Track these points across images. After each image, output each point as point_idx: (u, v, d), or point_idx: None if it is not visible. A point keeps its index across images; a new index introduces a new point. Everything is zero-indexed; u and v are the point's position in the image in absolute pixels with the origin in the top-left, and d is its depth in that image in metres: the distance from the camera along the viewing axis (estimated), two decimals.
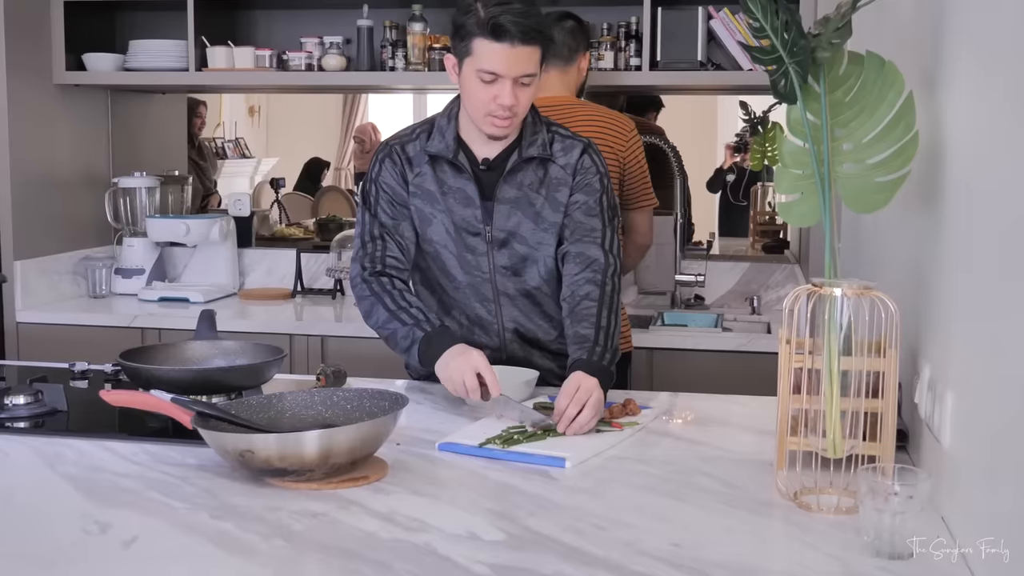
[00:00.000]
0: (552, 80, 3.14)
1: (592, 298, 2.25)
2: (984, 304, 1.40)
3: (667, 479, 1.79)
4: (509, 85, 2.17)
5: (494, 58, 2.15)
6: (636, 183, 3.14)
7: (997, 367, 1.32)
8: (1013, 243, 1.26)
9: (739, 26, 3.60)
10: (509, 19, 2.13)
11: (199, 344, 2.33)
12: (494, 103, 2.19)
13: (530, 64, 2.18)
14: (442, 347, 2.15)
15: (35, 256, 3.87)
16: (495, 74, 2.16)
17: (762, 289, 4.02)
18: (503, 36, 2.13)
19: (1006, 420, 1.27)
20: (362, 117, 7.19)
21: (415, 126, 2.40)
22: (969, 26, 1.55)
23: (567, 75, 3.18)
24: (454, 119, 2.33)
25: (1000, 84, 1.37)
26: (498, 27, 2.13)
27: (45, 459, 1.85)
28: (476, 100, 2.21)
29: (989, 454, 1.35)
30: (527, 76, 2.18)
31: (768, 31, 1.67)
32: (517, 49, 2.15)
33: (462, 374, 2.08)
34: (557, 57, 3.13)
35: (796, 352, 1.66)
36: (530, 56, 2.17)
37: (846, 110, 1.70)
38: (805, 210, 1.74)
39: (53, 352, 3.35)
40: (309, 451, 1.66)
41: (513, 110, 2.20)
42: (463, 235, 2.34)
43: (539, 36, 2.17)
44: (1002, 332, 1.30)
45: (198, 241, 4.06)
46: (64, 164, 4.07)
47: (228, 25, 4.19)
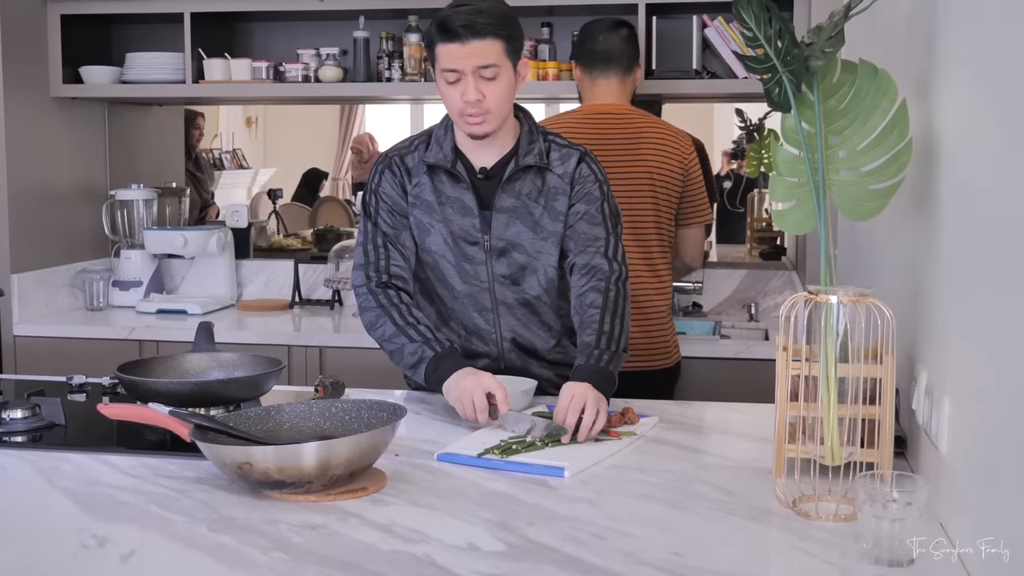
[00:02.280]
0: (614, 88, 3.18)
1: (596, 305, 2.26)
2: (979, 310, 1.40)
3: (666, 487, 1.79)
4: (471, 80, 2.20)
5: (450, 56, 2.21)
6: (696, 196, 3.21)
7: (993, 373, 1.32)
8: (1008, 249, 1.27)
9: (733, 34, 3.61)
10: (457, 18, 2.19)
11: (197, 356, 2.33)
12: (462, 100, 2.22)
13: (487, 56, 2.20)
14: (450, 369, 2.16)
15: (32, 269, 3.87)
16: (455, 71, 2.21)
17: (760, 296, 4.03)
18: (452, 35, 2.19)
19: (1003, 426, 1.27)
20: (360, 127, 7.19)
21: (413, 138, 2.41)
22: (961, 33, 1.55)
23: (626, 84, 3.21)
24: (451, 129, 2.34)
25: (992, 90, 1.37)
26: (445, 27, 2.20)
27: (43, 473, 1.85)
28: (449, 102, 2.26)
29: (987, 460, 1.35)
30: (485, 68, 2.20)
31: (761, 40, 1.68)
32: (469, 44, 2.19)
33: (471, 393, 2.09)
34: (618, 66, 3.17)
35: (793, 359, 1.66)
36: (485, 49, 2.20)
37: (840, 118, 1.70)
38: (800, 218, 1.74)
39: (51, 365, 3.36)
40: (307, 463, 1.66)
41: (483, 105, 2.22)
42: (461, 244, 2.34)
43: (491, 28, 2.20)
44: (998, 337, 1.30)
45: (196, 253, 4.07)
46: (61, 177, 4.07)
47: (225, 37, 4.19)
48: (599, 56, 3.17)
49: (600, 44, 3.17)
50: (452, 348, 2.24)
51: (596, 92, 3.19)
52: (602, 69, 3.17)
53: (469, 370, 2.16)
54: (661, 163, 3.10)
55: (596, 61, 3.18)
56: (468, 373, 2.15)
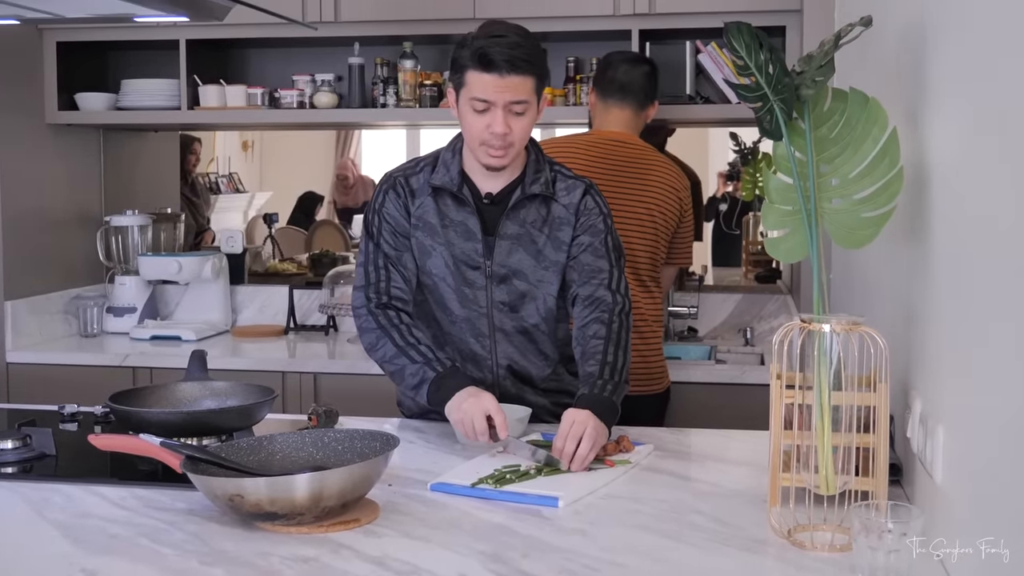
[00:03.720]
0: (627, 119, 3.22)
1: (599, 336, 2.26)
2: (972, 337, 1.40)
3: (661, 517, 1.78)
4: (501, 113, 2.20)
5: (483, 87, 2.19)
6: (685, 238, 3.27)
7: (987, 401, 1.32)
8: (999, 276, 1.26)
9: (727, 60, 3.62)
10: (497, 50, 2.17)
11: (189, 385, 2.32)
12: (487, 132, 2.21)
13: (520, 92, 2.20)
14: (453, 389, 2.16)
15: (26, 296, 3.86)
16: (486, 102, 2.19)
17: (755, 320, 4.02)
18: (491, 67, 2.17)
19: (997, 454, 1.27)
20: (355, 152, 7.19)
21: (419, 159, 2.41)
22: (951, 61, 1.56)
23: (638, 118, 3.25)
24: (458, 153, 2.34)
25: (983, 117, 1.37)
26: (486, 57, 2.18)
27: (33, 505, 1.84)
28: (472, 130, 2.24)
29: (980, 489, 1.35)
30: (518, 103, 2.20)
31: (752, 68, 1.68)
32: (506, 79, 2.18)
33: (471, 416, 2.09)
34: (635, 99, 3.21)
35: (787, 387, 1.66)
36: (520, 85, 2.20)
37: (831, 146, 1.70)
38: (792, 245, 1.74)
39: (44, 392, 3.35)
40: (299, 494, 1.65)
41: (507, 139, 2.22)
42: (462, 268, 2.34)
43: (528, 66, 2.20)
44: (991, 365, 1.30)
45: (190, 279, 4.06)
46: (56, 203, 4.07)
47: (220, 64, 4.20)
48: (617, 86, 3.22)
49: (621, 75, 3.22)
50: (454, 367, 2.23)
51: (609, 119, 3.22)
52: (618, 99, 3.21)
53: (471, 390, 2.15)
54: (661, 198, 3.14)
55: (614, 91, 3.22)
56: (470, 394, 2.14)
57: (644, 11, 3.58)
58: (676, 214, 3.17)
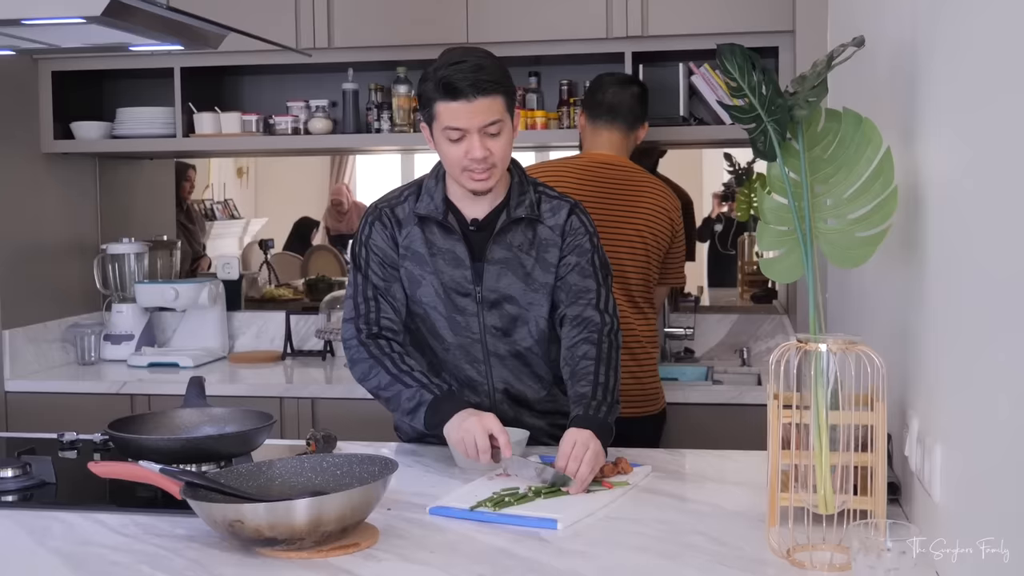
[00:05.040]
0: (616, 140, 3.23)
1: (589, 357, 2.26)
2: (968, 355, 1.40)
3: (660, 538, 1.78)
4: (476, 138, 2.19)
5: (453, 115, 2.19)
6: (676, 259, 3.28)
7: (984, 419, 1.32)
8: (994, 294, 1.27)
9: (720, 81, 3.64)
10: (460, 76, 2.17)
11: (188, 412, 2.32)
12: (467, 158, 2.21)
13: (492, 113, 2.20)
14: (450, 412, 2.16)
15: (23, 324, 3.86)
16: (460, 129, 2.19)
17: (751, 340, 4.03)
18: (458, 94, 2.17)
19: (995, 472, 1.27)
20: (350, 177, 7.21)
21: (403, 188, 2.41)
22: (943, 80, 1.57)
23: (628, 139, 3.26)
24: (442, 180, 2.34)
25: (976, 136, 1.38)
26: (451, 86, 2.17)
27: (33, 534, 1.84)
28: (451, 159, 2.24)
29: (978, 507, 1.35)
30: (492, 125, 2.20)
31: (746, 90, 1.70)
32: (475, 103, 2.18)
33: (474, 435, 2.09)
34: (623, 120, 3.22)
35: (784, 407, 1.66)
36: (490, 106, 2.19)
37: (825, 166, 1.72)
38: (788, 266, 1.75)
39: (43, 421, 3.34)
40: (299, 519, 1.65)
41: (488, 161, 2.22)
42: (452, 296, 2.34)
43: (495, 86, 2.20)
44: (987, 383, 1.30)
45: (187, 305, 4.06)
46: (52, 232, 4.07)
47: (215, 90, 4.22)
48: (605, 108, 3.22)
49: (609, 96, 3.23)
50: (450, 390, 2.23)
51: (598, 142, 3.23)
52: (607, 121, 3.22)
53: (470, 411, 2.15)
54: (653, 219, 3.14)
55: (602, 112, 3.23)
56: (470, 414, 2.14)
57: (637, 33, 3.60)
58: (668, 235, 3.18)
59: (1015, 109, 1.19)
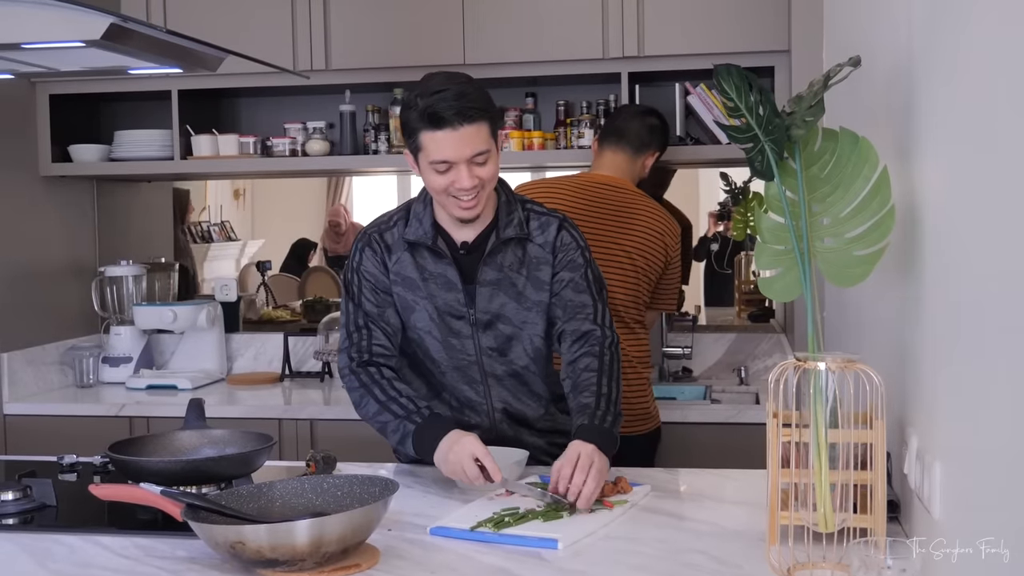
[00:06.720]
0: (620, 163, 3.26)
1: (591, 368, 2.27)
2: (966, 373, 1.41)
3: (660, 558, 1.78)
4: (464, 168, 2.18)
5: (441, 146, 2.17)
6: (670, 285, 3.29)
7: (983, 437, 1.33)
8: (991, 312, 1.28)
9: (716, 101, 3.66)
10: (444, 105, 2.15)
11: (188, 434, 2.32)
12: (455, 187, 2.20)
13: (478, 142, 2.18)
14: (436, 437, 2.16)
15: (22, 347, 3.86)
16: (447, 161, 2.18)
17: (749, 359, 4.03)
18: (443, 123, 2.15)
19: (994, 489, 1.27)
20: (347, 199, 7.22)
21: (392, 213, 2.41)
22: (940, 99, 1.58)
23: (634, 164, 3.29)
24: (429, 204, 2.34)
25: (973, 155, 1.39)
26: (436, 116, 2.15)
27: (34, 556, 1.84)
28: (439, 189, 2.22)
29: (977, 525, 1.35)
30: (479, 154, 2.19)
31: (743, 110, 1.70)
32: (460, 131, 2.16)
33: (461, 464, 2.09)
34: (629, 144, 3.26)
35: (783, 426, 1.66)
36: (476, 134, 2.18)
37: (823, 185, 1.72)
38: (786, 285, 1.75)
39: (42, 444, 3.34)
40: (300, 540, 1.65)
41: (475, 188, 2.22)
42: (447, 319, 2.34)
43: (479, 112, 2.18)
44: (985, 401, 1.31)
45: (185, 328, 4.06)
46: (50, 255, 4.08)
47: (212, 113, 4.23)
48: (613, 131, 3.28)
49: (620, 122, 3.30)
50: (433, 415, 2.22)
51: (602, 163, 3.27)
52: (613, 143, 3.26)
53: (453, 436, 2.15)
54: (645, 241, 3.15)
55: (610, 135, 3.29)
56: (453, 441, 2.13)
57: (633, 54, 3.62)
58: (661, 258, 3.18)
59: (1012, 127, 1.20)
